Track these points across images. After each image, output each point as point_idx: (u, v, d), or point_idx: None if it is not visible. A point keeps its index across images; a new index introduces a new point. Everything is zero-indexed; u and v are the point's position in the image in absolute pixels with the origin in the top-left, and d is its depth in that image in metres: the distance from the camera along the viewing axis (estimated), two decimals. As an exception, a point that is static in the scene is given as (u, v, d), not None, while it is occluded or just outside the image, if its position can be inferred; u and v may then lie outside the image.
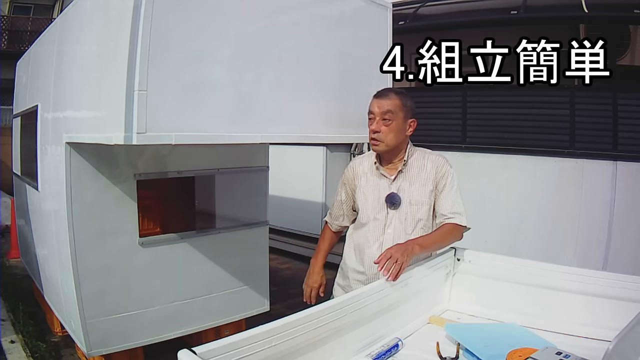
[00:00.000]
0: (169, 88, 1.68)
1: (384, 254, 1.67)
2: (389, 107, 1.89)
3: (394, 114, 1.89)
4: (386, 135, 1.90)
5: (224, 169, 3.10)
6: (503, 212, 4.55)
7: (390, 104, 1.89)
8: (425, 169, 1.95)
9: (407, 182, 1.95)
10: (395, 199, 1.93)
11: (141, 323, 2.75)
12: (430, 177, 1.94)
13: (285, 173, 5.39)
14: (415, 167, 1.96)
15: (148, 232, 2.89)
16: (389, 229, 1.95)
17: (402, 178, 1.96)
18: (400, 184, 1.95)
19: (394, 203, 1.93)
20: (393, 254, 1.65)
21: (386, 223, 1.95)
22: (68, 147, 2.44)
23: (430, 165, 1.95)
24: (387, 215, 1.95)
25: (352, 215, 2.12)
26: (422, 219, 1.94)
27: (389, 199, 1.94)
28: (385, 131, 1.90)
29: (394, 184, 1.96)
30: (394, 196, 1.93)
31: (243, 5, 1.90)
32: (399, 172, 1.96)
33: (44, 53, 3.21)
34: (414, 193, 1.93)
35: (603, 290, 1.75)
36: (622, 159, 4.01)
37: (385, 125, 1.90)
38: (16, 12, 15.14)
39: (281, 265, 5.64)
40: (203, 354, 1.11)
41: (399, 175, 1.96)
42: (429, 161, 1.97)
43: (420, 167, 1.96)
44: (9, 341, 3.31)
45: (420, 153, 2.00)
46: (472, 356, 1.53)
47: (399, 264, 1.63)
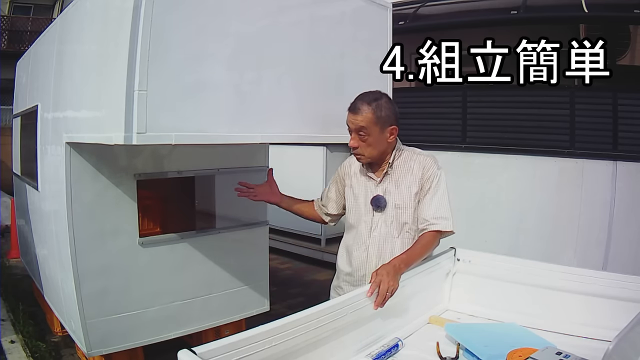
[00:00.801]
0: (169, 88, 1.68)
1: (375, 280, 1.62)
2: (361, 124, 1.83)
3: (368, 129, 1.83)
4: (365, 150, 1.87)
5: (224, 169, 3.10)
6: (503, 212, 4.56)
7: (362, 119, 1.82)
8: (411, 170, 1.91)
9: (393, 185, 1.92)
10: (380, 201, 1.90)
11: (141, 323, 2.75)
12: (417, 179, 1.89)
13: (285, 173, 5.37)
14: (402, 169, 1.92)
15: (148, 232, 2.89)
16: (374, 231, 1.92)
17: (388, 180, 1.92)
18: (387, 186, 1.92)
19: (378, 205, 1.90)
20: (383, 280, 1.61)
21: (372, 226, 1.93)
22: (68, 147, 2.44)
23: (417, 167, 1.90)
24: (372, 218, 1.93)
25: (338, 207, 2.12)
26: (407, 222, 1.90)
27: (374, 201, 1.91)
28: (363, 146, 1.86)
29: (380, 186, 1.93)
30: (379, 199, 1.91)
31: (243, 5, 1.90)
32: (384, 174, 1.92)
33: (44, 53, 3.21)
34: (399, 196, 1.90)
35: (603, 290, 1.75)
36: (622, 159, 4.01)
37: (362, 140, 1.85)
38: (16, 12, 15.15)
39: (281, 265, 5.65)
40: (203, 354, 1.11)
41: (385, 177, 1.93)
42: (416, 162, 1.91)
43: (407, 169, 1.92)
44: (9, 341, 3.31)
45: (409, 154, 1.95)
46: (472, 356, 1.53)
47: (390, 291, 1.61)
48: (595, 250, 4.07)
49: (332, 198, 2.12)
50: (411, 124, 4.83)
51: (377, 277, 1.62)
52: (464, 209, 4.66)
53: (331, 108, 2.27)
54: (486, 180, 4.66)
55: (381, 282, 1.60)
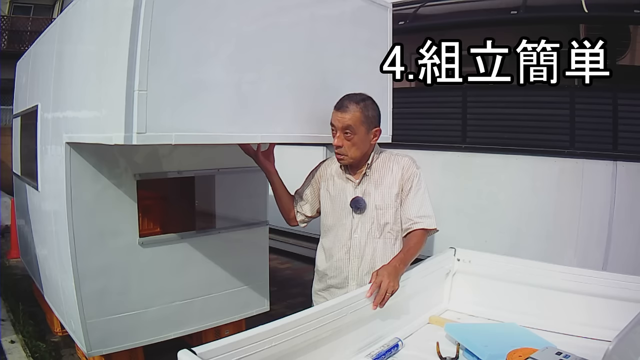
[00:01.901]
0: (169, 88, 1.68)
1: (375, 280, 1.62)
2: (348, 122, 1.83)
3: (355, 128, 1.83)
4: (349, 149, 1.86)
5: (224, 169, 3.10)
6: (503, 212, 4.55)
7: (350, 118, 1.83)
8: (391, 171, 1.91)
9: (372, 186, 1.91)
10: (360, 203, 1.89)
11: (141, 323, 2.75)
12: (397, 180, 1.90)
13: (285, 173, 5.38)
14: (381, 170, 1.92)
15: (148, 232, 2.89)
16: (355, 233, 1.92)
17: (367, 182, 1.92)
18: (366, 188, 1.92)
19: (358, 207, 1.90)
20: (384, 280, 1.61)
21: (352, 227, 1.92)
22: (68, 147, 2.44)
23: (397, 168, 1.91)
24: (352, 220, 1.92)
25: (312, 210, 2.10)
26: (388, 222, 1.90)
27: (354, 203, 1.90)
28: (347, 145, 1.86)
29: (358, 187, 1.93)
30: (358, 200, 1.90)
31: (243, 5, 1.90)
32: (363, 175, 1.92)
33: (44, 53, 3.21)
34: (379, 197, 1.90)
35: (603, 290, 1.75)
36: (622, 159, 4.01)
37: (347, 139, 1.85)
38: (16, 12, 15.16)
39: (281, 265, 5.64)
40: (203, 354, 1.11)
41: (364, 178, 1.92)
42: (395, 163, 1.92)
43: (385, 169, 1.92)
44: (9, 341, 3.31)
45: (386, 155, 1.96)
46: (472, 356, 1.53)
47: (390, 292, 1.61)
48: (595, 250, 4.07)
49: (308, 200, 2.10)
50: (411, 124, 4.83)
51: (378, 277, 1.63)
52: (464, 209, 4.67)
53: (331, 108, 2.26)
54: (486, 180, 4.66)
55: (381, 283, 1.61)
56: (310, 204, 2.10)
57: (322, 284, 2.03)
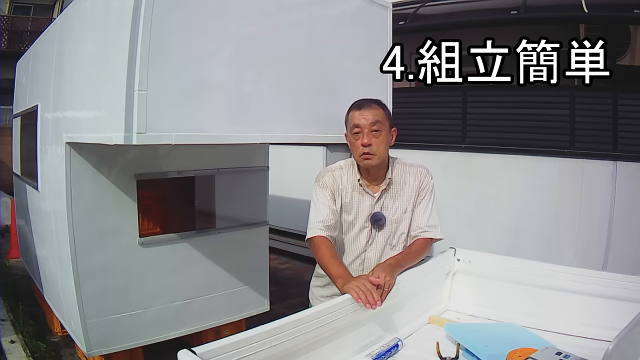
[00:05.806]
0: (169, 88, 1.68)
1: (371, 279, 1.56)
2: (376, 117, 1.79)
3: (382, 123, 1.80)
4: (378, 147, 1.79)
5: (224, 169, 3.10)
6: (503, 212, 4.55)
7: (377, 113, 1.80)
8: (408, 183, 1.90)
9: (391, 200, 1.89)
10: (381, 219, 1.87)
11: (141, 323, 2.75)
12: (414, 192, 1.89)
13: (285, 173, 5.39)
14: (398, 182, 1.91)
15: (148, 232, 2.89)
16: (371, 246, 1.91)
17: (385, 196, 1.90)
18: (384, 202, 1.89)
19: (379, 224, 1.88)
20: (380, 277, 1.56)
21: (369, 241, 1.91)
22: (68, 147, 2.45)
23: (413, 179, 1.90)
24: (369, 234, 1.90)
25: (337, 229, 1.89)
26: (404, 232, 1.91)
27: (374, 219, 1.87)
28: (376, 143, 1.79)
29: (378, 202, 1.89)
30: (379, 217, 1.87)
31: (243, 6, 1.90)
32: (382, 191, 1.88)
33: (44, 53, 3.21)
34: (398, 210, 1.89)
35: (603, 290, 1.75)
36: (622, 159, 4.00)
37: (376, 137, 1.79)
38: (16, 12, 15.15)
39: (281, 265, 5.64)
40: (203, 354, 1.11)
41: (383, 193, 1.89)
42: (411, 175, 1.91)
43: (402, 182, 1.90)
44: (9, 341, 3.31)
45: (401, 166, 1.92)
46: (472, 356, 1.53)
47: (388, 287, 1.57)
48: (595, 250, 4.06)
49: (332, 225, 1.84)
50: (411, 124, 4.83)
51: (374, 274, 1.62)
52: (463, 209, 4.67)
53: (331, 108, 2.27)
54: (486, 180, 4.65)
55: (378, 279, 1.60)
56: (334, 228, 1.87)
57: (330, 291, 1.97)
